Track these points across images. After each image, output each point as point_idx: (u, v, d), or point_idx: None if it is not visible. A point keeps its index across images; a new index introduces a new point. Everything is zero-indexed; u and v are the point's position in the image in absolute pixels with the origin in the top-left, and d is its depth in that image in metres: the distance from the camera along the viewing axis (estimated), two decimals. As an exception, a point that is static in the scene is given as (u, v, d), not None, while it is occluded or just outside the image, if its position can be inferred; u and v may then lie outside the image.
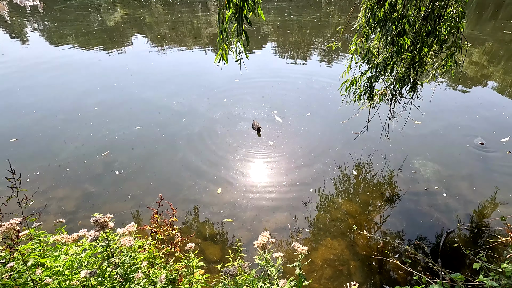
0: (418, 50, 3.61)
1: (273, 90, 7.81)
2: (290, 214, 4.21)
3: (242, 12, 2.52)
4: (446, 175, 4.84)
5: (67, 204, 4.33)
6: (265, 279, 1.85)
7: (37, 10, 17.20)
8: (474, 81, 8.36)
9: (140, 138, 5.77)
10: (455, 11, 3.44)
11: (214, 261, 3.54)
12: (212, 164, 5.14)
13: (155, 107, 6.91)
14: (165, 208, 2.67)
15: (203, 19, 15.65)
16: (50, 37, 12.42)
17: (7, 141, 5.66)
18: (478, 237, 3.88)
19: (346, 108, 4.86)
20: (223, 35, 2.66)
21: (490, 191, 4.53)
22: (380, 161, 5.18)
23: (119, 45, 11.34)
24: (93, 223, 1.78)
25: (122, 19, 15.70)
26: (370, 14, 3.31)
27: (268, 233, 1.80)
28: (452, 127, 6.12)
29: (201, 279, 2.17)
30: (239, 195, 4.52)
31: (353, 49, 3.76)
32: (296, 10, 17.00)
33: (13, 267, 1.73)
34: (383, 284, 3.30)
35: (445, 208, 4.26)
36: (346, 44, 10.76)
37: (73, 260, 2.00)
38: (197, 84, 8.07)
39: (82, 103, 7.01)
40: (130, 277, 1.82)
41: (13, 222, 1.79)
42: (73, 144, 5.58)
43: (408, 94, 4.17)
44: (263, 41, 12.23)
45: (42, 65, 9.33)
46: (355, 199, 4.47)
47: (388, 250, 3.57)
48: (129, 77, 8.53)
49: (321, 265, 3.50)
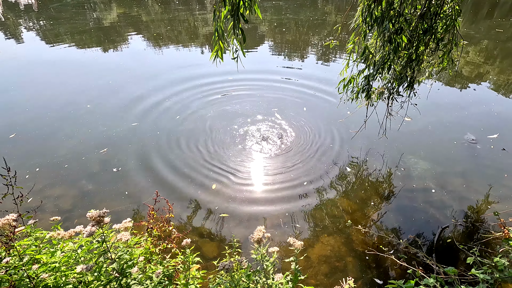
0: (415, 48, 3.64)
1: (269, 88, 7.82)
2: (286, 210, 4.23)
3: (239, 10, 2.52)
4: (438, 171, 4.89)
5: (65, 201, 4.31)
6: (261, 273, 1.87)
7: (31, 8, 17.02)
8: (465, 78, 8.43)
9: (137, 135, 5.78)
10: (451, 9, 3.47)
11: (211, 258, 3.55)
12: (207, 160, 5.15)
13: (150, 104, 6.91)
14: (161, 204, 2.67)
15: (200, 18, 15.60)
16: (45, 36, 12.31)
17: (6, 138, 5.64)
18: (471, 232, 3.93)
19: (343, 106, 4.89)
20: (219, 33, 2.65)
21: (483, 187, 4.58)
22: (374, 158, 5.22)
23: (115, 44, 11.28)
24: (89, 218, 1.78)
25: (118, 18, 15.60)
26: (367, 13, 3.33)
27: (264, 227, 1.81)
28: (441, 124, 6.17)
29: (197, 275, 2.18)
30: (235, 191, 4.53)
31: (350, 47, 3.78)
32: (293, 8, 17.00)
33: (9, 262, 1.72)
34: (378, 279, 3.33)
35: (440, 204, 4.31)
36: (343, 42, 10.79)
37: (70, 256, 2.00)
38: (191, 81, 8.06)
39: (78, 101, 6.97)
40: (127, 272, 1.82)
41: (9, 218, 1.79)
42: (72, 141, 5.58)
43: (405, 92, 4.20)
44: (259, 39, 12.22)
45: (36, 63, 9.27)
46: (351, 196, 4.50)
47: (384, 246, 3.60)
48: (125, 75, 8.50)
49: (318, 261, 3.52)
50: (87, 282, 1.90)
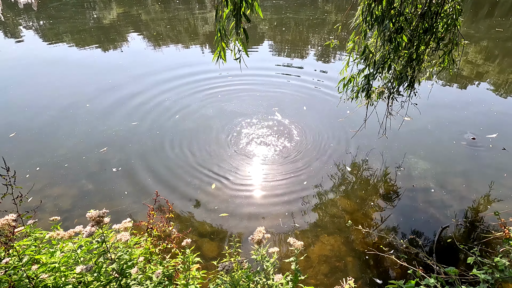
0: (415, 47, 3.63)
1: (269, 87, 7.81)
2: (286, 210, 4.22)
3: (240, 9, 2.50)
4: (438, 171, 4.89)
5: (64, 201, 4.31)
6: (261, 274, 1.86)
7: (31, 7, 16.97)
8: (465, 78, 8.41)
9: (137, 135, 5.78)
10: (451, 8, 3.46)
11: (211, 258, 3.55)
12: (207, 160, 5.14)
13: (149, 103, 6.90)
14: (161, 204, 2.66)
15: (200, 17, 15.56)
16: (45, 35, 12.28)
17: (6, 137, 5.63)
18: (472, 232, 3.93)
19: (343, 105, 4.88)
20: (221, 33, 2.63)
21: (483, 186, 4.58)
22: (374, 158, 5.21)
23: (114, 43, 11.26)
24: (88, 218, 1.78)
25: (118, 17, 15.56)
26: (367, 12, 3.32)
27: (263, 228, 1.80)
28: (441, 123, 6.15)
29: (197, 275, 2.18)
30: (235, 190, 4.52)
31: (350, 47, 3.76)
32: (293, 8, 16.96)
33: (8, 263, 1.72)
34: (379, 279, 3.33)
35: (440, 204, 4.30)
36: (343, 42, 10.76)
37: (69, 257, 1.99)
38: (191, 80, 8.05)
39: (77, 100, 6.96)
40: (126, 272, 1.82)
41: (8, 218, 1.78)
42: (72, 140, 5.58)
43: (405, 92, 4.19)
44: (259, 38, 12.20)
45: (35, 63, 9.24)
46: (351, 196, 4.50)
47: (384, 246, 3.60)
48: (124, 74, 8.48)
49: (318, 261, 3.52)
50: (86, 283, 1.89)
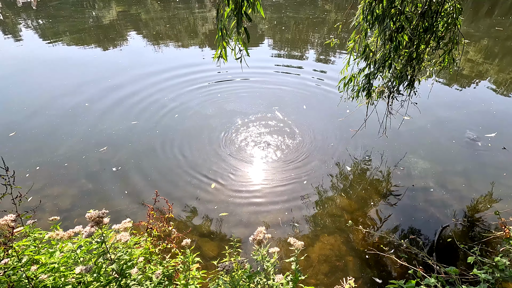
0: (416, 46, 3.62)
1: (268, 86, 7.79)
2: (286, 209, 4.22)
3: (242, 9, 2.49)
4: (438, 170, 4.88)
5: (64, 201, 4.30)
6: (261, 274, 1.86)
7: (30, 6, 16.92)
8: (465, 77, 8.40)
9: (136, 134, 5.77)
10: (452, 7, 3.44)
11: (211, 257, 3.55)
12: (206, 159, 5.13)
13: (149, 103, 6.89)
14: (161, 204, 2.65)
15: (199, 16, 15.53)
16: (44, 34, 12.25)
17: (5, 136, 5.62)
18: (472, 231, 3.93)
19: (343, 105, 4.87)
20: (222, 32, 2.62)
21: (483, 186, 4.58)
22: (374, 157, 5.20)
23: (114, 42, 11.23)
24: (88, 218, 1.77)
25: (117, 16, 15.52)
26: (368, 11, 3.31)
27: (264, 228, 1.80)
28: (440, 123, 6.15)
29: (197, 275, 2.17)
30: (234, 190, 4.52)
31: (351, 46, 3.75)
32: (293, 7, 16.93)
33: (7, 263, 1.71)
34: (379, 278, 3.33)
35: (440, 203, 4.30)
36: (344, 41, 10.74)
37: (69, 257, 1.98)
38: (191, 79, 8.03)
39: (77, 99, 6.94)
40: (126, 273, 1.81)
41: (7, 219, 1.77)
42: (71, 140, 5.57)
43: (405, 91, 4.19)
44: (259, 37, 12.17)
45: (35, 62, 9.22)
46: (351, 195, 4.49)
47: (384, 245, 3.60)
48: (124, 73, 8.46)
49: (318, 261, 3.52)
50: (86, 283, 1.89)
